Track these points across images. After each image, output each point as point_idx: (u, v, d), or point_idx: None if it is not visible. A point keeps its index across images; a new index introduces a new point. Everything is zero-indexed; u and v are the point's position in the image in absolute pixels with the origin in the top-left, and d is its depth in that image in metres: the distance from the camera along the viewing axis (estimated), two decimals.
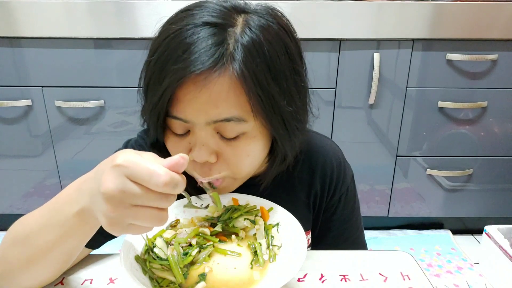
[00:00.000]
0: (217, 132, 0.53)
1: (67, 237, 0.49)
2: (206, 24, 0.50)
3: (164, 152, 0.58)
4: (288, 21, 0.57)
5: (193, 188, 0.62)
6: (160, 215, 0.40)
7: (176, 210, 0.61)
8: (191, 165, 0.55)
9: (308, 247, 0.72)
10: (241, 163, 0.55)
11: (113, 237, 0.67)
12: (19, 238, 0.53)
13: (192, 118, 0.51)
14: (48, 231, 0.50)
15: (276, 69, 0.51)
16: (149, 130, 0.58)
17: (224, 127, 0.52)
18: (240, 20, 0.52)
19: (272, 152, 0.60)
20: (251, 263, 0.53)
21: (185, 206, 0.55)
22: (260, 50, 0.50)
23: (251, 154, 0.55)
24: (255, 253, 0.54)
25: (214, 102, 0.50)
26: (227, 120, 0.51)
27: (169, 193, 0.40)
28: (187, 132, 0.54)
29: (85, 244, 0.53)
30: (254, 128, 0.53)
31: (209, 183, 0.56)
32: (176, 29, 0.50)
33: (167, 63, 0.49)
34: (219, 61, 0.48)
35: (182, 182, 0.40)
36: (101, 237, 0.65)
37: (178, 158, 0.40)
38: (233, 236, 0.57)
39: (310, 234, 0.75)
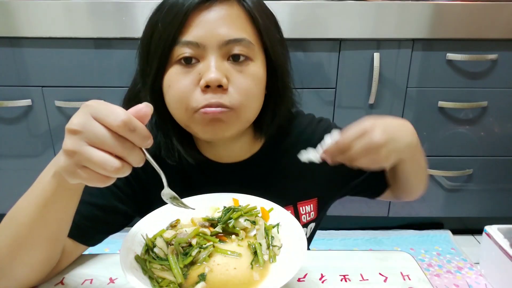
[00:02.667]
0: (227, 59, 0.59)
1: (47, 206, 0.49)
2: None
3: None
4: None
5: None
6: (114, 163, 0.40)
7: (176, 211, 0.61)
8: (201, 96, 0.57)
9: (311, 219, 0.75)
10: (248, 91, 0.59)
11: (110, 233, 0.67)
12: (6, 220, 0.53)
13: (205, 40, 0.57)
14: (29, 204, 0.50)
15: (272, 25, 0.64)
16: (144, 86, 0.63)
17: (234, 50, 0.58)
18: None
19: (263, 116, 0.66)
20: (251, 264, 0.53)
21: (171, 199, 0.53)
22: (261, 8, 0.62)
23: (257, 84, 0.61)
24: (255, 253, 0.54)
25: (226, 23, 0.57)
26: (239, 40, 0.58)
27: (127, 138, 0.40)
28: (196, 62, 0.58)
29: (69, 220, 0.53)
30: (258, 57, 0.61)
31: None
32: None
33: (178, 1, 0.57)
34: None
35: (142, 130, 0.41)
36: (98, 233, 0.65)
37: (143, 105, 0.42)
38: (233, 236, 0.57)
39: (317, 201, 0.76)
